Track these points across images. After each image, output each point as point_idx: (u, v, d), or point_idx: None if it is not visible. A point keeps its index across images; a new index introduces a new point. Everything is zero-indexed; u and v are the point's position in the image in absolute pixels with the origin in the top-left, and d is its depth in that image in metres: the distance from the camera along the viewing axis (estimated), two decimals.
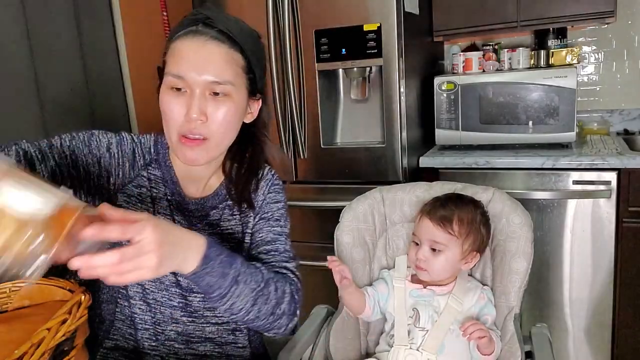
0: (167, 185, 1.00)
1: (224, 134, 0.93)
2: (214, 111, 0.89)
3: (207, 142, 0.91)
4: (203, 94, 0.88)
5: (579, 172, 1.83)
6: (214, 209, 1.01)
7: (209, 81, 0.88)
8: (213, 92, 0.89)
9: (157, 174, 1.00)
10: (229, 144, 0.97)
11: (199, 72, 0.87)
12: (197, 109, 0.87)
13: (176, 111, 0.89)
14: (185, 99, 0.88)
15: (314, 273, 2.07)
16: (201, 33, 0.89)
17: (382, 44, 1.84)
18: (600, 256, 1.86)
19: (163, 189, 0.99)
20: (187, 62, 0.88)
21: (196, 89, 0.88)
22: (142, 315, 0.98)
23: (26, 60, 1.95)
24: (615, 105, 2.31)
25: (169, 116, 0.90)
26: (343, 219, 1.21)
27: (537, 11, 2.02)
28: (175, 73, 0.88)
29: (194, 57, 0.88)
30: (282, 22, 1.94)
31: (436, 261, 1.07)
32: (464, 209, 1.09)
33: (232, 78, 0.90)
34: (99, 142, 0.95)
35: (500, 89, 2.00)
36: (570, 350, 1.97)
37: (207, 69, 0.88)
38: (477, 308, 1.09)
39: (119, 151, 0.97)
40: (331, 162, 2.02)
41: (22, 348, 0.55)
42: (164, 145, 1.02)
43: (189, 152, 0.90)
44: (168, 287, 0.97)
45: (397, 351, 1.06)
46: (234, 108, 0.92)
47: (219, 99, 0.90)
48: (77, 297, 0.66)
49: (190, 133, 0.89)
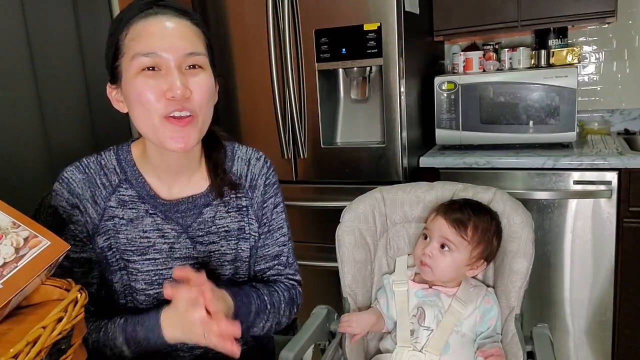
0: (146, 200, 0.96)
1: (207, 107, 0.89)
2: (195, 83, 0.85)
3: (196, 119, 0.86)
4: (180, 68, 0.84)
5: (580, 172, 1.83)
6: (207, 206, 0.99)
7: (185, 53, 0.84)
8: (189, 65, 0.85)
9: (131, 193, 0.95)
10: (210, 121, 0.92)
11: (173, 46, 0.83)
12: (179, 83, 0.82)
13: (155, 92, 0.83)
14: (162, 78, 0.83)
15: (314, 273, 2.07)
16: (161, 13, 0.85)
17: (382, 43, 1.83)
18: (601, 256, 1.86)
19: (142, 206, 0.95)
20: (158, 37, 0.83)
21: (172, 63, 0.83)
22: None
23: (26, 60, 1.95)
24: (616, 105, 2.31)
25: (146, 99, 0.83)
26: (344, 219, 1.21)
27: (538, 11, 2.02)
28: (148, 51, 0.82)
29: (164, 32, 0.84)
30: (282, 22, 1.94)
31: (443, 260, 1.07)
32: (481, 218, 1.08)
33: (203, 50, 0.88)
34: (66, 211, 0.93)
35: (500, 89, 2.00)
36: (570, 350, 1.96)
37: (180, 42, 0.84)
38: (481, 311, 1.08)
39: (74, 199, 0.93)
40: (331, 162, 2.01)
41: (17, 346, 0.55)
42: (129, 162, 0.97)
43: (179, 132, 0.85)
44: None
45: (401, 353, 1.06)
46: (211, 79, 0.89)
47: (195, 71, 0.86)
48: (73, 295, 0.65)
49: (177, 111, 0.84)
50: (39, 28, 2.00)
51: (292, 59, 1.95)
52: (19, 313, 0.70)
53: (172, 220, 0.97)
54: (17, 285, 0.65)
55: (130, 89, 0.85)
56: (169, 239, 0.96)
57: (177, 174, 0.98)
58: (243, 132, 2.14)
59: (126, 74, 0.85)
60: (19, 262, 0.66)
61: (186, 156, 0.95)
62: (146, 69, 0.83)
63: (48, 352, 0.60)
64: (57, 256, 0.69)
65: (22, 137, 1.91)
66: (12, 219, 0.70)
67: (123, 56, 0.85)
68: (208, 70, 0.89)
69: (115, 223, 0.94)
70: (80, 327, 0.68)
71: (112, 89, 0.91)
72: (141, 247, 0.95)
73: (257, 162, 1.06)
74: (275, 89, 1.98)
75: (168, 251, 0.96)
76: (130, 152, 0.98)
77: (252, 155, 1.06)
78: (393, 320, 1.12)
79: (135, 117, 0.87)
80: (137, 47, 0.83)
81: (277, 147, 2.05)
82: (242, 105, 2.11)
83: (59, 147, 2.04)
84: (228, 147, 1.05)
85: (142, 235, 0.95)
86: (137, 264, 0.95)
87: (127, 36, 0.85)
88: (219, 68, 2.13)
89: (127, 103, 0.88)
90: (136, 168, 0.96)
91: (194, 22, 0.88)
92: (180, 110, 0.84)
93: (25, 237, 0.69)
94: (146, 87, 0.83)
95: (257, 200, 1.04)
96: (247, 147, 1.07)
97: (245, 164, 1.05)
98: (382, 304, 1.14)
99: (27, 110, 1.97)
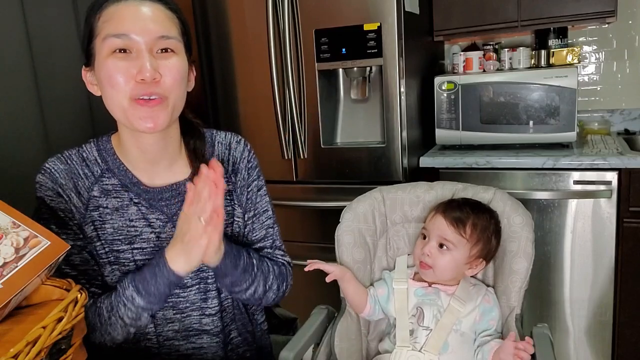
0: (130, 188, 0.96)
1: (179, 91, 0.89)
2: (166, 67, 0.85)
3: (165, 101, 0.86)
4: (151, 52, 0.84)
5: (580, 172, 1.83)
6: None
7: (157, 36, 0.84)
8: (161, 49, 0.85)
9: (114, 182, 0.95)
10: (182, 106, 0.92)
11: (145, 29, 0.83)
12: (149, 66, 0.82)
13: (124, 74, 0.83)
14: (132, 60, 0.83)
15: (314, 273, 2.06)
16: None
17: (382, 43, 1.83)
18: (601, 256, 1.86)
19: (126, 194, 0.95)
20: (130, 20, 0.83)
21: (143, 46, 0.83)
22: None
23: (26, 59, 1.95)
24: (616, 105, 2.31)
25: (115, 81, 0.83)
26: (344, 219, 1.21)
27: (538, 11, 2.02)
28: (119, 32, 0.82)
29: (137, 15, 0.84)
30: (282, 22, 1.94)
31: (442, 258, 1.07)
32: (480, 216, 1.09)
33: (177, 34, 0.88)
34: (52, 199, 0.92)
35: (500, 89, 2.00)
36: (570, 350, 1.96)
37: (152, 25, 0.84)
38: (481, 310, 1.08)
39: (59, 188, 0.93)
40: (331, 162, 2.01)
41: (17, 346, 0.55)
42: (108, 151, 0.97)
43: (148, 113, 0.85)
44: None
45: (400, 352, 1.05)
46: (183, 64, 0.89)
47: (167, 55, 0.86)
48: (73, 295, 0.65)
49: (145, 95, 0.84)
50: (39, 28, 2.00)
51: (292, 59, 1.95)
52: (19, 313, 0.70)
53: (157, 210, 0.96)
54: (17, 285, 0.65)
55: (102, 71, 0.85)
56: (155, 228, 0.96)
57: (156, 163, 0.97)
58: (243, 132, 2.14)
59: (98, 56, 0.85)
60: (19, 262, 0.66)
61: (162, 143, 0.95)
62: (117, 50, 0.83)
63: (48, 352, 0.60)
64: (57, 256, 0.69)
65: (23, 137, 1.91)
66: (12, 219, 0.70)
67: (96, 37, 0.86)
68: (181, 55, 0.89)
69: (101, 213, 0.94)
70: (81, 327, 0.68)
71: (86, 72, 0.92)
72: (129, 235, 0.95)
73: (238, 145, 1.06)
74: (275, 89, 1.98)
75: (155, 240, 0.96)
76: (110, 142, 0.98)
77: (232, 139, 1.06)
78: (392, 317, 1.12)
79: (107, 99, 0.88)
80: (109, 28, 0.84)
81: (277, 147, 2.05)
82: (242, 105, 2.11)
83: (60, 147, 2.03)
84: (207, 133, 1.04)
85: (129, 224, 0.95)
86: (127, 253, 0.95)
87: (101, 18, 0.85)
88: (219, 68, 2.14)
89: (99, 86, 0.89)
90: (116, 157, 0.97)
91: (168, 7, 0.88)
92: (149, 95, 0.84)
93: (25, 237, 0.69)
94: (116, 69, 0.83)
95: (241, 184, 1.04)
96: (225, 132, 1.07)
97: (226, 148, 1.04)
98: (381, 294, 1.14)
99: (27, 110, 1.97)
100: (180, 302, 0.99)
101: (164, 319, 0.98)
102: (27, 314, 0.70)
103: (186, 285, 0.98)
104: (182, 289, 0.98)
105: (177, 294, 0.98)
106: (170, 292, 0.88)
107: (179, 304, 0.99)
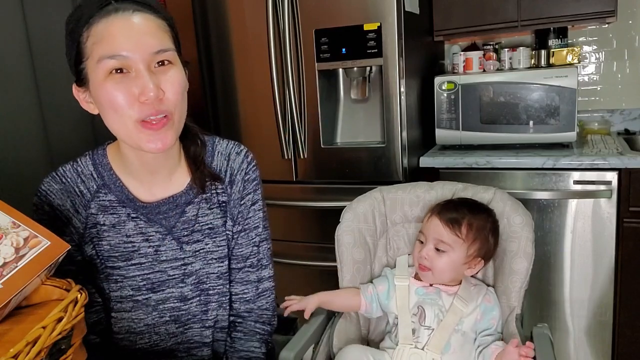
0: (126, 204, 0.94)
1: (182, 104, 0.86)
2: (167, 82, 0.82)
3: (171, 120, 0.84)
4: (149, 68, 0.80)
5: (580, 172, 1.83)
6: (189, 204, 0.97)
7: (153, 52, 0.80)
8: (158, 62, 0.82)
9: (111, 198, 0.93)
10: (185, 117, 0.89)
11: (139, 45, 0.79)
12: (152, 85, 0.79)
13: (126, 96, 0.80)
14: (132, 80, 0.80)
15: (314, 273, 2.07)
16: (122, 9, 0.80)
17: (382, 43, 1.83)
18: (601, 256, 1.86)
19: (124, 210, 0.93)
20: (123, 37, 0.79)
21: (141, 64, 0.79)
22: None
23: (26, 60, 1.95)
24: (616, 105, 2.31)
25: (118, 105, 0.80)
26: (344, 219, 1.21)
27: (538, 11, 2.02)
28: (113, 53, 0.78)
29: (129, 31, 0.79)
30: (282, 22, 1.94)
31: (440, 260, 1.07)
32: (477, 216, 1.09)
33: (171, 44, 0.84)
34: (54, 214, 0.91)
35: (500, 89, 2.00)
36: (570, 350, 1.96)
37: (147, 40, 0.80)
38: (482, 309, 1.08)
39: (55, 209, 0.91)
40: (331, 162, 2.01)
41: (17, 346, 0.55)
42: (105, 166, 0.95)
43: (155, 136, 0.82)
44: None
45: (402, 350, 1.05)
46: (182, 74, 0.86)
47: (165, 68, 0.83)
48: (73, 295, 0.65)
49: (152, 115, 0.81)
50: (39, 28, 2.00)
51: (292, 59, 1.95)
52: (19, 313, 0.70)
53: (155, 223, 0.95)
54: (17, 285, 0.65)
55: (101, 94, 0.81)
56: (154, 242, 0.95)
57: (157, 173, 0.95)
58: (243, 132, 2.14)
59: (94, 78, 0.82)
60: (19, 262, 0.66)
61: (164, 154, 0.92)
62: (114, 71, 0.80)
63: (48, 352, 0.60)
64: (57, 256, 0.69)
65: (23, 137, 1.91)
66: (12, 219, 0.70)
67: (87, 59, 0.82)
68: (178, 64, 0.86)
69: (98, 230, 0.93)
70: (81, 327, 0.68)
71: (79, 91, 0.87)
72: (125, 252, 0.94)
73: (237, 156, 1.02)
74: (275, 89, 1.98)
75: (154, 254, 0.95)
76: (106, 156, 0.96)
77: (233, 150, 1.02)
78: (392, 315, 1.12)
79: (109, 122, 0.84)
80: (101, 50, 0.79)
81: (277, 147, 2.05)
82: (242, 106, 2.11)
83: (60, 147, 2.03)
84: (208, 141, 1.02)
85: (126, 240, 0.94)
86: (122, 270, 0.94)
87: (90, 39, 0.80)
88: (219, 68, 2.14)
89: (98, 107, 0.85)
90: (113, 172, 0.94)
91: (157, 14, 0.84)
92: (155, 114, 0.81)
93: (25, 237, 0.69)
94: (117, 92, 0.80)
95: (235, 196, 1.00)
96: (228, 142, 1.03)
97: (225, 158, 1.01)
98: (381, 291, 1.14)
99: (27, 110, 1.97)
100: (182, 315, 0.98)
101: (166, 333, 0.98)
102: (27, 314, 0.69)
103: (187, 298, 0.97)
104: (184, 301, 0.97)
105: (179, 307, 0.97)
106: None
107: (181, 317, 0.98)
